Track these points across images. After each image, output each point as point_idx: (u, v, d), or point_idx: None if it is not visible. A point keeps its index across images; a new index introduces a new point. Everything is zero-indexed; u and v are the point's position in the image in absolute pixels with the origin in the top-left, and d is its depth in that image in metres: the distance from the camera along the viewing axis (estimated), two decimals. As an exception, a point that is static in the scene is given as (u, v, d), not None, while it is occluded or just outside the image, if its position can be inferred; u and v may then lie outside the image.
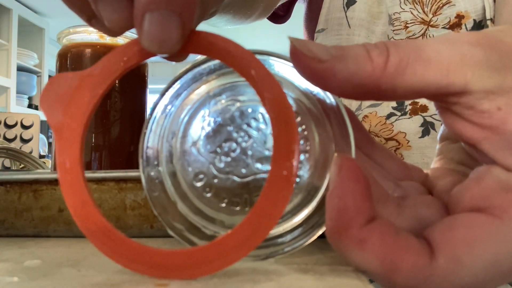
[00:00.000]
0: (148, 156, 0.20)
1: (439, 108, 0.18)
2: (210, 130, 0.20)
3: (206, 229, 0.19)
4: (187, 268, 0.16)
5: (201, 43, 0.17)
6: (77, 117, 0.17)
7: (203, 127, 0.20)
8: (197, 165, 0.19)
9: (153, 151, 0.20)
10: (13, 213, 0.28)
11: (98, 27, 0.20)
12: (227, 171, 0.19)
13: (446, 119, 0.18)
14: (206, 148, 0.19)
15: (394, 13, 0.50)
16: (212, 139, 0.19)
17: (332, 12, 0.54)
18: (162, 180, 0.20)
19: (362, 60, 0.16)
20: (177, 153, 0.20)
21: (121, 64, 0.17)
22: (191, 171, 0.19)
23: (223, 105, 0.20)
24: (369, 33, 0.51)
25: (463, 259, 0.15)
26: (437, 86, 0.16)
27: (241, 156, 0.19)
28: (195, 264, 0.16)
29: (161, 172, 0.20)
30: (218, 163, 0.19)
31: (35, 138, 1.34)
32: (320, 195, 0.19)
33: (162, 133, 0.20)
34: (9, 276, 0.18)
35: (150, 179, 0.19)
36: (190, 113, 0.20)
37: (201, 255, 0.16)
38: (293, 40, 0.17)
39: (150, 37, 0.16)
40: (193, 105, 0.20)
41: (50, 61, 3.13)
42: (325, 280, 0.17)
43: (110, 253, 0.17)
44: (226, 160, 0.19)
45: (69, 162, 0.17)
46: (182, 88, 0.20)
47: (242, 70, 0.17)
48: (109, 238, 0.17)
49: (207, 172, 0.19)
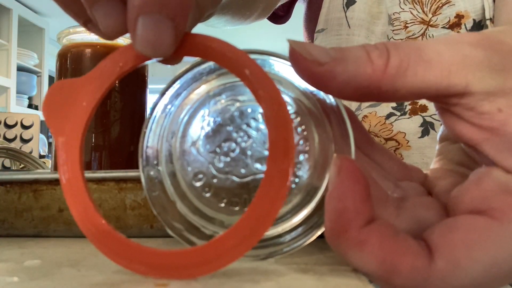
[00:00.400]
0: (147, 155, 0.20)
1: (439, 109, 0.18)
2: (209, 130, 0.20)
3: (205, 229, 0.19)
4: (186, 268, 0.16)
5: (195, 46, 0.17)
6: (76, 123, 0.18)
7: (203, 127, 0.20)
8: (196, 165, 0.19)
9: (153, 151, 0.20)
10: (13, 213, 0.28)
11: (94, 31, 0.20)
12: (227, 171, 0.19)
13: (446, 120, 0.18)
14: (205, 148, 0.19)
15: (394, 13, 0.50)
16: (211, 139, 0.20)
17: (332, 12, 0.54)
18: (162, 180, 0.20)
19: (362, 62, 0.16)
20: (177, 152, 0.20)
21: (117, 69, 0.18)
22: (190, 171, 0.19)
23: (223, 105, 0.20)
24: (369, 33, 0.51)
25: (462, 262, 0.15)
26: (438, 87, 0.16)
27: (241, 156, 0.19)
28: (194, 264, 0.16)
29: (161, 172, 0.20)
30: (217, 163, 0.19)
31: (35, 138, 1.35)
32: (319, 195, 0.19)
33: (162, 133, 0.20)
34: (9, 276, 0.18)
35: (149, 178, 0.19)
36: (190, 113, 0.20)
37: (199, 255, 0.16)
38: (292, 42, 0.16)
39: (143, 41, 0.16)
40: (193, 105, 0.20)
41: (50, 61, 3.13)
42: (325, 280, 0.17)
43: (111, 254, 0.17)
44: (225, 160, 0.19)
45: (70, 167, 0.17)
46: (182, 87, 0.20)
47: (236, 70, 0.17)
48: (109, 240, 0.17)
49: (206, 172, 0.19)
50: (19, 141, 1.32)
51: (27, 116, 1.35)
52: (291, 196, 0.18)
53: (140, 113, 0.40)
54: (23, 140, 1.33)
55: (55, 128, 0.18)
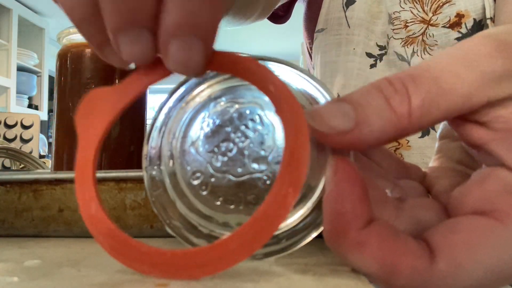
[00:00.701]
0: (151, 156, 0.20)
1: None
2: (209, 130, 0.20)
3: (202, 227, 0.19)
4: (189, 268, 0.16)
5: (223, 63, 0.18)
6: (96, 129, 0.19)
7: (202, 128, 0.20)
8: (195, 164, 0.20)
9: (156, 151, 0.20)
10: (13, 213, 0.28)
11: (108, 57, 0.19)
12: (224, 170, 0.20)
13: (453, 122, 0.18)
14: (204, 148, 0.20)
15: (394, 12, 0.50)
16: (210, 139, 0.20)
17: (331, 12, 0.54)
18: (163, 179, 0.20)
19: (385, 115, 0.16)
20: (177, 152, 0.20)
21: (144, 81, 0.19)
22: (189, 170, 0.20)
23: (223, 107, 0.20)
24: (368, 33, 0.51)
25: (464, 264, 0.15)
26: (460, 111, 0.16)
27: (238, 156, 0.19)
28: (196, 264, 0.16)
29: (162, 172, 0.20)
30: (215, 162, 0.20)
31: (35, 138, 1.35)
32: (316, 196, 0.19)
33: (165, 134, 0.20)
34: (9, 276, 0.18)
35: (151, 178, 0.20)
36: (191, 115, 0.20)
37: (203, 256, 0.16)
38: (310, 120, 0.16)
39: (176, 62, 0.17)
40: (195, 107, 0.20)
41: (50, 61, 3.13)
42: (325, 280, 0.17)
43: (114, 253, 0.17)
44: (223, 159, 0.20)
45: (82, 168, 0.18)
46: (186, 91, 0.21)
47: (261, 85, 0.17)
48: (113, 239, 0.17)
49: (204, 171, 0.20)
50: (19, 141, 1.32)
51: (27, 116, 1.35)
52: None
53: (140, 113, 0.40)
54: (23, 140, 1.33)
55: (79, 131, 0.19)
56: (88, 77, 0.37)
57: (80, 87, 0.37)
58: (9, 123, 1.32)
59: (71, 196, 0.27)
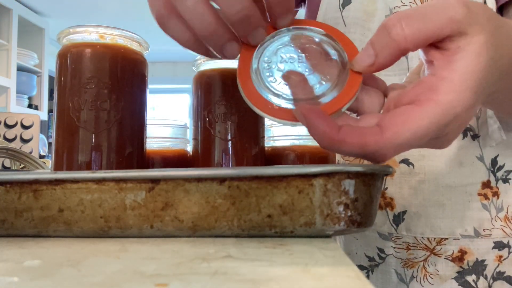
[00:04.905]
0: (253, 67, 0.31)
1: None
2: (283, 52, 0.31)
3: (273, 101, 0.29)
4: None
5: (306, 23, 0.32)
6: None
7: (279, 50, 0.31)
8: (267, 66, 0.31)
9: (256, 65, 0.31)
10: (13, 213, 0.28)
11: (215, 57, 0.31)
12: (282, 69, 0.30)
13: (425, 48, 0.27)
14: (277, 59, 0.31)
15: (395, 7, 0.50)
16: (281, 55, 0.31)
17: (328, 12, 0.55)
18: (256, 72, 0.30)
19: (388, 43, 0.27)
20: (264, 62, 0.31)
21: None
22: (266, 68, 0.31)
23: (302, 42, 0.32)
24: (364, 31, 0.52)
25: (400, 131, 0.25)
26: (433, 38, 0.26)
27: (293, 65, 0.30)
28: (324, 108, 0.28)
29: (255, 69, 0.30)
30: (279, 65, 0.30)
31: (35, 138, 1.35)
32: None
33: (259, 58, 0.31)
34: (9, 276, 0.18)
35: (252, 71, 0.30)
36: (273, 48, 0.31)
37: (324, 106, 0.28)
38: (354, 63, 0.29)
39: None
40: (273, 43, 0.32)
41: (50, 61, 3.13)
42: (325, 280, 0.18)
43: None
44: (286, 65, 0.31)
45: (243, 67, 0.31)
46: (267, 41, 0.32)
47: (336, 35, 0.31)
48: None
49: (272, 69, 0.31)
50: (19, 141, 1.32)
51: (27, 116, 1.35)
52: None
53: (140, 113, 0.40)
54: (23, 140, 1.33)
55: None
56: (88, 77, 0.37)
57: (80, 87, 0.37)
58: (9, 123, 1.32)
59: (71, 196, 0.27)
